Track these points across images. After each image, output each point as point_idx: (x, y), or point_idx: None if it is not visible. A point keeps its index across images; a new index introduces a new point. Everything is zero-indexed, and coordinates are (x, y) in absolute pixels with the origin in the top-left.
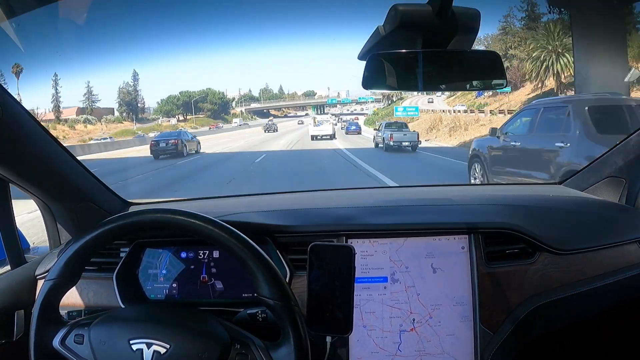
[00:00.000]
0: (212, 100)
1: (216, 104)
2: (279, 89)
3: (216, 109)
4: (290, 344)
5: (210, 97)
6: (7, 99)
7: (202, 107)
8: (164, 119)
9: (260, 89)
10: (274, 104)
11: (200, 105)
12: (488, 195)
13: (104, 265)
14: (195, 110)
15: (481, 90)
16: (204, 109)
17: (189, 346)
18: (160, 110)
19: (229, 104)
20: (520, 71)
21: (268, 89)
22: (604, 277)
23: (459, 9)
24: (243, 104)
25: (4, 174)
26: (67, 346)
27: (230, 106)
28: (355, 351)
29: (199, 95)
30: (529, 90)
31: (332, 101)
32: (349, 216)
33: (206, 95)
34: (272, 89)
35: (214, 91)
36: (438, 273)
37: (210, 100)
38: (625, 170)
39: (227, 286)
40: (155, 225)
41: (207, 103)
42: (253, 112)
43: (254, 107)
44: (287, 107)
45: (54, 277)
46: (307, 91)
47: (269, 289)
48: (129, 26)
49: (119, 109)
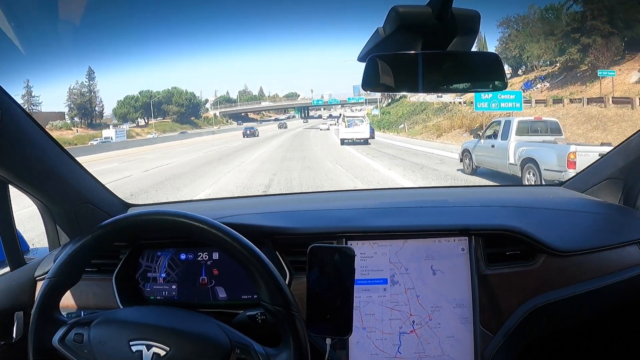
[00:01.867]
0: (178, 102)
1: (183, 106)
2: (259, 91)
3: (183, 112)
4: (290, 350)
5: (176, 98)
6: (7, 100)
7: (167, 109)
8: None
9: (239, 91)
10: (252, 106)
11: (164, 107)
12: (488, 197)
13: (104, 267)
14: (159, 113)
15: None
16: (168, 111)
17: (189, 350)
18: (115, 114)
19: (200, 106)
20: (613, 46)
21: (247, 91)
22: (603, 278)
23: (459, 10)
24: (219, 107)
25: (3, 175)
26: (67, 345)
27: (201, 108)
28: (355, 353)
29: (163, 95)
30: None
31: (317, 102)
32: (349, 218)
33: (171, 95)
34: (252, 91)
35: (180, 90)
36: (438, 275)
37: (175, 101)
38: (625, 172)
39: (226, 288)
40: (156, 227)
41: (173, 104)
42: (229, 116)
43: (230, 110)
44: (268, 109)
45: (55, 275)
46: (289, 93)
47: (271, 296)
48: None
49: (69, 114)
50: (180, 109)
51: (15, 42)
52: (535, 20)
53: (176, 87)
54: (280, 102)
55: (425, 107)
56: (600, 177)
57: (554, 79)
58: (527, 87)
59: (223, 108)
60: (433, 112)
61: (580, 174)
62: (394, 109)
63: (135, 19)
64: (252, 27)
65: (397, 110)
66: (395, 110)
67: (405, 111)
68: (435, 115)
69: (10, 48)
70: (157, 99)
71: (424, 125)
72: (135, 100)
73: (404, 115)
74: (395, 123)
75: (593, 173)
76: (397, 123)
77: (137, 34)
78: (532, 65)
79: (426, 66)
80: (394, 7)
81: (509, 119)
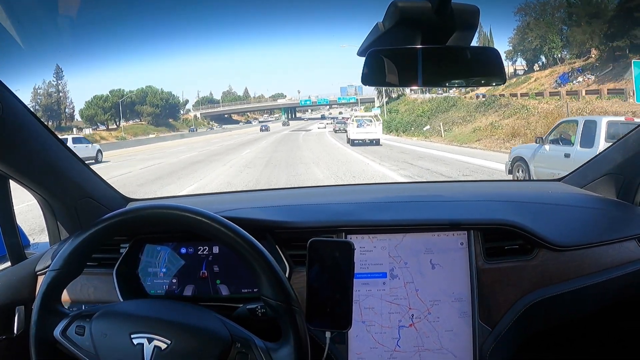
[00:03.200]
0: (153, 102)
1: (158, 106)
2: (244, 92)
3: (158, 113)
4: (291, 345)
5: (150, 98)
6: (7, 95)
7: (141, 110)
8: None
9: (223, 92)
10: (236, 106)
11: (137, 108)
12: (487, 191)
13: (104, 261)
14: (133, 114)
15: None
16: (142, 112)
17: (190, 343)
18: (82, 116)
19: (178, 107)
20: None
21: (232, 91)
22: (602, 273)
23: (458, 5)
24: (200, 108)
25: (4, 170)
26: (68, 337)
27: (181, 109)
28: (354, 346)
29: (137, 95)
30: None
31: (305, 103)
32: (349, 212)
33: (145, 94)
34: (236, 92)
35: (155, 89)
36: (437, 269)
37: (149, 101)
38: (624, 168)
39: (226, 281)
40: (157, 221)
41: (147, 105)
42: (210, 117)
43: (212, 111)
44: (252, 110)
45: (57, 267)
46: (275, 94)
47: (272, 290)
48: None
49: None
50: (155, 109)
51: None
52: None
53: (150, 86)
54: (266, 102)
55: (453, 102)
56: (599, 172)
57: (597, 71)
58: (563, 80)
59: (205, 109)
60: (474, 109)
61: (579, 169)
62: (402, 106)
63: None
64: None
65: (409, 107)
66: (404, 107)
67: (425, 108)
68: (480, 112)
69: (11, 43)
70: (130, 99)
71: (475, 127)
72: (104, 101)
73: (424, 113)
74: (412, 124)
75: (592, 168)
76: (416, 124)
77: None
78: (555, 58)
79: (425, 61)
80: (393, 1)
81: (591, 118)
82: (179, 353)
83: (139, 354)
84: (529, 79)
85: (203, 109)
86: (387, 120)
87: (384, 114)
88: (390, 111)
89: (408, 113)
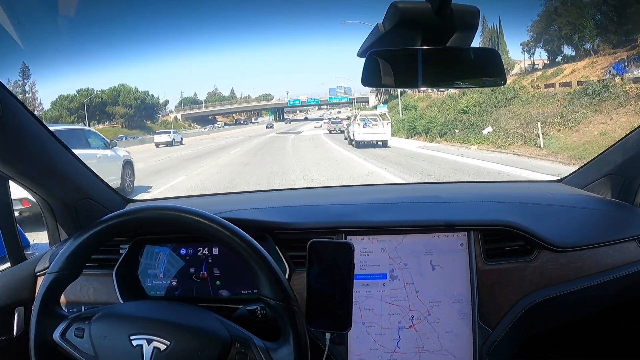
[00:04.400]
0: (126, 102)
1: (132, 107)
2: (230, 92)
3: (132, 114)
4: (290, 344)
5: (123, 98)
6: (7, 96)
7: (112, 111)
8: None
9: (208, 93)
10: (221, 107)
11: (109, 109)
12: (487, 192)
13: (104, 262)
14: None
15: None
16: (114, 114)
17: (189, 344)
18: (46, 118)
19: (157, 108)
20: None
21: (217, 92)
22: (602, 274)
23: (458, 6)
24: (183, 108)
25: (3, 171)
26: (68, 339)
27: (160, 110)
28: (354, 348)
29: (108, 94)
30: None
31: (294, 102)
32: (349, 213)
33: (117, 94)
34: (222, 92)
35: (128, 88)
36: (437, 270)
37: (122, 101)
38: (624, 168)
39: (226, 283)
40: (156, 222)
41: (119, 105)
42: (192, 119)
43: (194, 112)
44: (238, 111)
45: (56, 270)
46: (262, 94)
47: (271, 290)
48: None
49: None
50: (128, 110)
51: None
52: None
53: (124, 85)
54: (252, 103)
55: (513, 92)
56: (599, 173)
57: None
58: (618, 70)
59: (187, 110)
60: (570, 102)
61: (579, 170)
62: (421, 102)
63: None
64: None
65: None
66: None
67: (470, 102)
68: (586, 106)
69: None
70: (100, 99)
71: (602, 131)
72: (70, 101)
73: (470, 109)
74: (452, 125)
75: (592, 169)
76: (462, 124)
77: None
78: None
79: (426, 62)
80: (393, 2)
81: None
82: (178, 354)
83: (138, 355)
84: (560, 71)
85: (185, 110)
86: (406, 120)
87: (399, 113)
88: (407, 108)
89: (438, 110)
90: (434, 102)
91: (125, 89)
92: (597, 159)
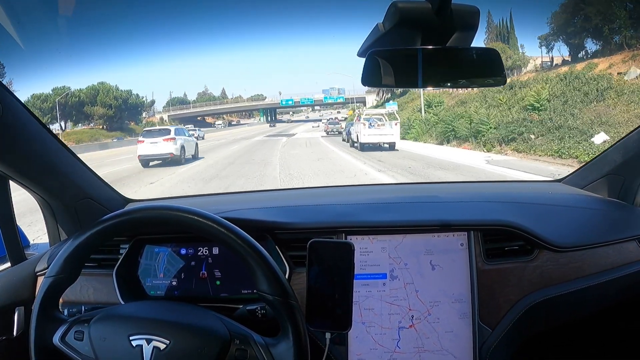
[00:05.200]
0: (105, 101)
1: (111, 107)
2: (221, 92)
3: (112, 115)
4: (289, 339)
5: (102, 97)
6: (7, 96)
7: (91, 111)
8: None
9: (198, 93)
10: (210, 107)
11: (87, 109)
12: (487, 192)
13: (104, 262)
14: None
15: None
16: (93, 114)
17: (189, 342)
18: None
19: (140, 108)
20: None
21: (207, 92)
22: (602, 274)
23: (458, 6)
24: (170, 109)
25: (4, 171)
26: (67, 343)
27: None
28: (354, 347)
29: (86, 93)
30: None
31: (286, 102)
32: (349, 213)
33: (96, 93)
34: (212, 93)
35: (107, 87)
36: (437, 270)
37: (101, 100)
38: (624, 168)
39: (226, 283)
40: (154, 222)
41: (98, 105)
42: (179, 119)
43: (181, 113)
44: (228, 112)
45: (54, 274)
46: (255, 95)
47: (268, 285)
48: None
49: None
50: (108, 110)
51: None
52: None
53: (103, 83)
54: (243, 103)
55: (607, 83)
56: (599, 173)
57: None
58: None
59: (174, 110)
60: None
61: (579, 170)
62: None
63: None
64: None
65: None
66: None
67: (542, 96)
68: None
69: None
70: (78, 98)
71: None
72: (43, 101)
73: (542, 104)
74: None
75: (592, 169)
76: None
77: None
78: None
79: (426, 61)
80: (393, 2)
81: None
82: (178, 352)
83: (138, 355)
84: (593, 66)
85: (173, 110)
86: (435, 121)
87: (421, 111)
88: (430, 105)
89: (486, 106)
90: (470, 96)
91: (105, 88)
92: (597, 159)
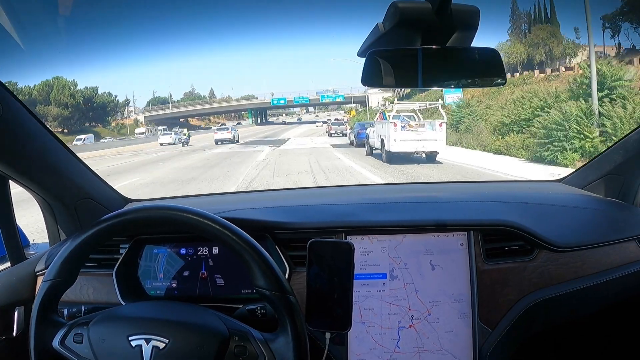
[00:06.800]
0: (60, 100)
1: (68, 107)
2: (209, 92)
3: (68, 116)
4: (288, 334)
5: (56, 94)
6: (7, 96)
7: (45, 112)
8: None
9: (185, 93)
10: (192, 107)
11: (40, 109)
12: (487, 192)
13: (104, 262)
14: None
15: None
16: (47, 114)
17: (188, 340)
18: None
19: (109, 108)
20: None
21: (194, 92)
22: (602, 274)
23: (458, 6)
24: (151, 110)
25: (3, 171)
26: (67, 346)
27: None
28: (354, 347)
29: (39, 90)
30: None
31: (278, 102)
32: (348, 213)
33: (49, 89)
34: (200, 93)
35: (63, 82)
36: (437, 270)
37: (54, 98)
38: (624, 168)
39: (226, 282)
40: (151, 222)
41: (52, 105)
42: (157, 121)
43: (160, 114)
44: (215, 113)
45: (51, 277)
46: (245, 95)
47: (265, 280)
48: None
49: None
50: (64, 110)
51: None
52: None
53: (58, 78)
54: (230, 102)
55: None
56: (599, 173)
57: None
58: None
59: (154, 111)
60: None
61: (579, 170)
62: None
63: None
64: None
65: None
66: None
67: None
68: None
69: (11, 44)
70: (29, 96)
71: None
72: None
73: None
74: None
75: (592, 169)
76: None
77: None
78: None
79: (425, 61)
80: (393, 2)
81: None
82: (177, 351)
83: (138, 355)
84: None
85: (153, 111)
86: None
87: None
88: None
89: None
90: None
91: (60, 84)
92: (597, 159)
